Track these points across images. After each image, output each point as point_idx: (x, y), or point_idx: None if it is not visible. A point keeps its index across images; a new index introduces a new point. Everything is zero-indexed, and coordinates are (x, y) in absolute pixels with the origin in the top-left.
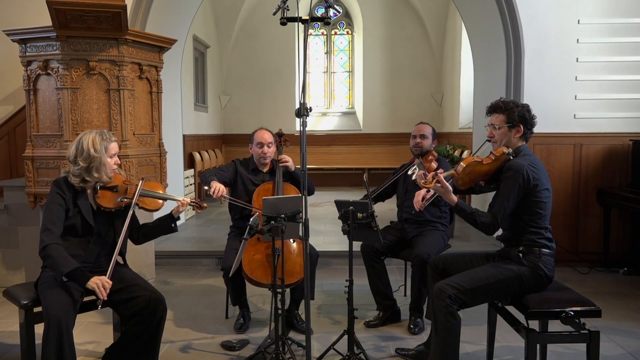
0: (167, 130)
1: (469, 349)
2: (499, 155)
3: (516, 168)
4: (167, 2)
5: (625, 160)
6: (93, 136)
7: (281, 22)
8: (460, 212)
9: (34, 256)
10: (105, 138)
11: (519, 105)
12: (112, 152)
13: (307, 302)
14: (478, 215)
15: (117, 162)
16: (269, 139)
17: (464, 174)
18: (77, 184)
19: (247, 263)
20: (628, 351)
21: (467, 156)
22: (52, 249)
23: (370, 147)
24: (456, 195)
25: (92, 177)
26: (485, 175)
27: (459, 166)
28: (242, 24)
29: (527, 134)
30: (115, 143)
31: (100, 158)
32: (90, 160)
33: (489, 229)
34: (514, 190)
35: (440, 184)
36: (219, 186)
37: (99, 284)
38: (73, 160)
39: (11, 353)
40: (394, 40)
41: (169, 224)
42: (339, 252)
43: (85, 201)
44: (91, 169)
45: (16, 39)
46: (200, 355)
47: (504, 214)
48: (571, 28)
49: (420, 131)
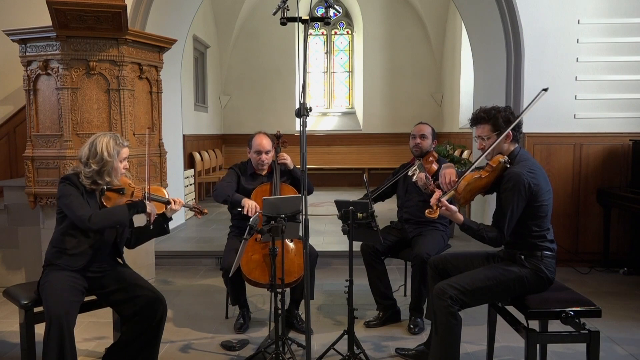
0: (167, 130)
1: (469, 349)
2: (495, 166)
3: (516, 179)
4: (167, 2)
5: (625, 160)
6: (107, 140)
7: (281, 22)
8: (468, 230)
9: (34, 256)
10: (118, 143)
11: (501, 109)
12: (123, 156)
13: (307, 302)
14: (485, 231)
15: (125, 166)
16: (267, 146)
17: (464, 192)
18: (88, 186)
19: (245, 263)
20: (628, 351)
21: (466, 156)
22: (96, 215)
23: (370, 147)
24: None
25: (104, 181)
26: (484, 187)
27: (459, 186)
28: (242, 24)
29: (517, 135)
30: (127, 148)
31: (113, 162)
32: (103, 164)
33: (497, 243)
34: (517, 201)
35: (446, 208)
36: (252, 204)
37: (153, 210)
38: (85, 162)
39: (11, 353)
40: (394, 40)
41: (162, 225)
42: (339, 252)
43: (94, 202)
44: (103, 172)
45: (16, 39)
46: (200, 355)
47: (509, 226)
48: (571, 28)
49: (420, 131)
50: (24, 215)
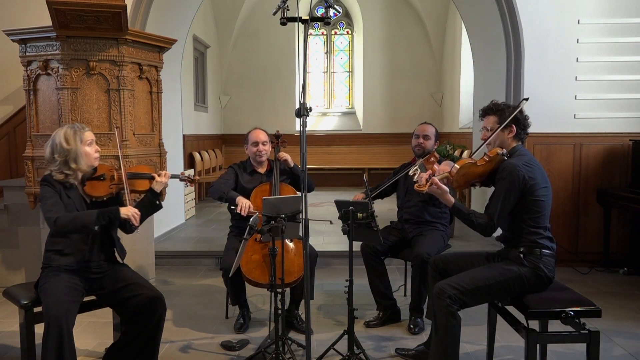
0: (167, 130)
1: (469, 349)
2: (493, 156)
3: (510, 168)
4: (167, 2)
5: (625, 160)
6: (64, 130)
7: (281, 22)
8: (458, 213)
9: (34, 256)
10: (76, 129)
11: (510, 106)
12: (87, 140)
13: (307, 302)
14: (475, 216)
15: (97, 149)
16: (264, 137)
17: (458, 175)
18: (62, 179)
19: (244, 264)
20: (628, 351)
21: (466, 156)
22: (63, 217)
23: (370, 147)
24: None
25: (71, 169)
26: (480, 176)
27: (453, 168)
28: (242, 24)
29: (520, 134)
30: (89, 132)
31: (76, 149)
32: (65, 154)
33: (486, 231)
34: (510, 191)
35: (436, 186)
36: (246, 202)
37: (131, 212)
38: (50, 158)
39: (11, 353)
40: (394, 40)
41: (152, 201)
42: (339, 252)
43: (77, 195)
44: (68, 161)
45: (16, 39)
46: (200, 355)
47: (500, 215)
48: (571, 28)
49: (424, 132)
50: (24, 215)
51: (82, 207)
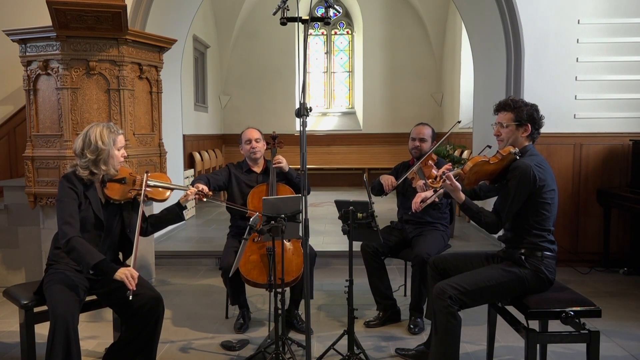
0: (167, 130)
1: (469, 349)
2: (505, 155)
3: (522, 168)
4: (167, 2)
5: (625, 160)
6: (100, 129)
7: (281, 22)
8: (467, 211)
9: (34, 256)
10: (112, 131)
11: (528, 104)
12: (119, 144)
13: (307, 302)
14: (483, 215)
15: (124, 154)
16: (256, 135)
17: (470, 173)
18: (85, 177)
19: (243, 264)
20: (628, 351)
21: (470, 156)
22: (76, 242)
23: (370, 147)
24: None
25: (100, 170)
26: (491, 174)
27: (465, 165)
28: (242, 24)
29: (534, 133)
30: (122, 136)
31: (108, 151)
32: (98, 153)
33: (493, 229)
34: (520, 191)
35: (450, 182)
36: (195, 189)
37: (127, 274)
38: (80, 153)
39: (11, 353)
40: (394, 40)
41: (177, 213)
42: (339, 252)
43: (95, 194)
44: (99, 161)
45: (16, 39)
46: (200, 355)
47: (508, 214)
48: (571, 28)
49: (420, 134)
50: (24, 215)
51: (99, 208)
